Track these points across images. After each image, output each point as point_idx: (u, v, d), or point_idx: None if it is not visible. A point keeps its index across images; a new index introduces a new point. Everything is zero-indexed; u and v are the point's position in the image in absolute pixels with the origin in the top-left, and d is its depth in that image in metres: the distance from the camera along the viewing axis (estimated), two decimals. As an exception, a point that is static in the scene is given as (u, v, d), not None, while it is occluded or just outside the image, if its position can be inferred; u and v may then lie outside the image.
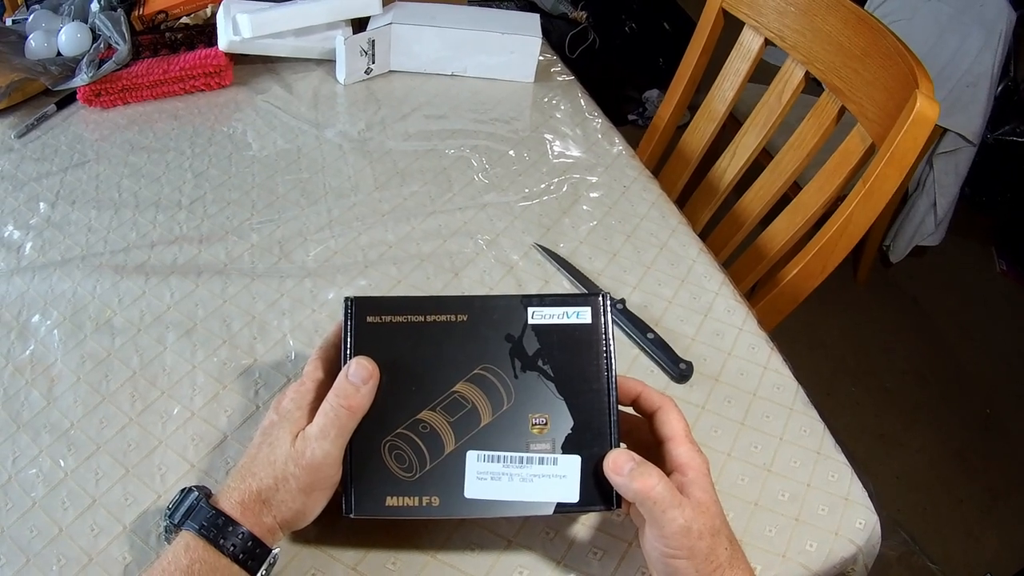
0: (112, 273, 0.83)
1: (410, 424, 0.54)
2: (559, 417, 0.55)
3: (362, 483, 0.53)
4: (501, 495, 0.53)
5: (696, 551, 0.49)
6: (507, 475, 0.53)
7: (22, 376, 0.72)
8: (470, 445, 0.54)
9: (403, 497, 0.53)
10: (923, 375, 2.11)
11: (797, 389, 0.75)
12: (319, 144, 1.06)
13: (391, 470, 0.54)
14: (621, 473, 0.51)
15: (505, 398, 0.55)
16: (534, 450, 0.54)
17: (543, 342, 0.56)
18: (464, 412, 0.55)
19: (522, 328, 0.56)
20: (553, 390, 0.55)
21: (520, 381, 0.55)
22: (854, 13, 0.98)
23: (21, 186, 0.96)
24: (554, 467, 0.54)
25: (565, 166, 1.05)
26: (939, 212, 2.17)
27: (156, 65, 1.13)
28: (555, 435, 0.55)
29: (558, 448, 0.54)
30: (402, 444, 0.54)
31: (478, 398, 0.55)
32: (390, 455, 0.54)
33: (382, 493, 0.53)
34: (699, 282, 0.86)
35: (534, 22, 1.23)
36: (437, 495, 0.53)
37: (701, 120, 1.26)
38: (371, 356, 0.54)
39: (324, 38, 1.21)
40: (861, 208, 0.91)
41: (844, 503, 0.65)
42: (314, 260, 0.87)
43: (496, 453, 0.54)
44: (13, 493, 0.62)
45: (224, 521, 0.50)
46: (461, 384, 0.55)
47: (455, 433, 0.54)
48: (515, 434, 0.54)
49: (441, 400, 0.55)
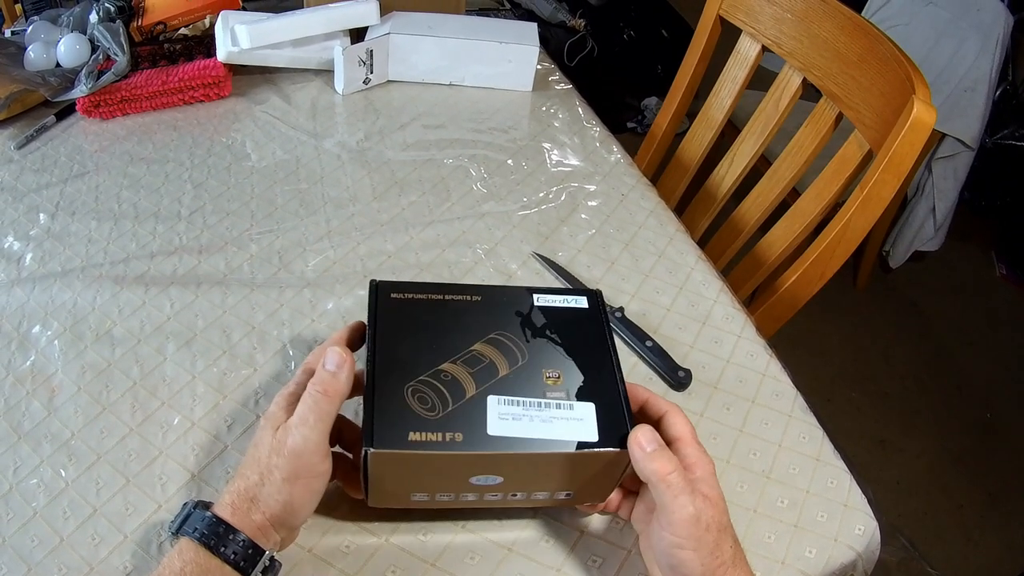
0: (112, 284, 0.83)
1: (431, 373, 0.56)
2: (570, 373, 0.58)
3: (384, 420, 0.53)
4: (523, 433, 0.54)
5: (703, 543, 0.50)
6: (527, 416, 0.54)
7: (23, 387, 0.72)
8: (490, 391, 0.55)
9: (426, 433, 0.53)
10: (923, 380, 2.11)
11: (796, 396, 0.75)
12: (318, 154, 1.06)
13: (414, 410, 0.54)
14: (644, 449, 0.52)
15: (519, 356, 0.58)
16: (551, 397, 0.56)
17: (549, 318, 0.61)
18: (483, 366, 0.57)
19: (529, 307, 0.62)
20: (563, 352, 0.59)
21: (531, 344, 0.59)
22: (850, 19, 0.98)
23: (21, 197, 0.96)
24: (571, 411, 0.55)
25: (563, 175, 1.05)
26: (938, 217, 2.17)
27: (155, 76, 1.13)
28: (569, 386, 0.57)
29: (572, 396, 0.56)
30: (424, 388, 0.55)
31: (495, 355, 0.58)
32: (412, 397, 0.54)
33: (405, 429, 0.53)
34: (697, 289, 0.87)
35: (532, 31, 1.24)
36: (460, 431, 0.53)
37: (699, 127, 1.26)
38: (394, 325, 0.58)
39: (322, 48, 1.21)
40: (859, 214, 0.91)
41: (843, 509, 0.65)
42: (313, 270, 0.87)
43: (515, 398, 0.55)
44: (14, 503, 0.62)
45: (219, 524, 0.50)
46: (478, 344, 0.58)
47: (475, 381, 0.56)
48: (531, 384, 0.56)
49: (460, 356, 0.57)
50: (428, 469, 0.54)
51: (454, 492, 0.57)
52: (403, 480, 0.55)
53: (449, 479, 0.56)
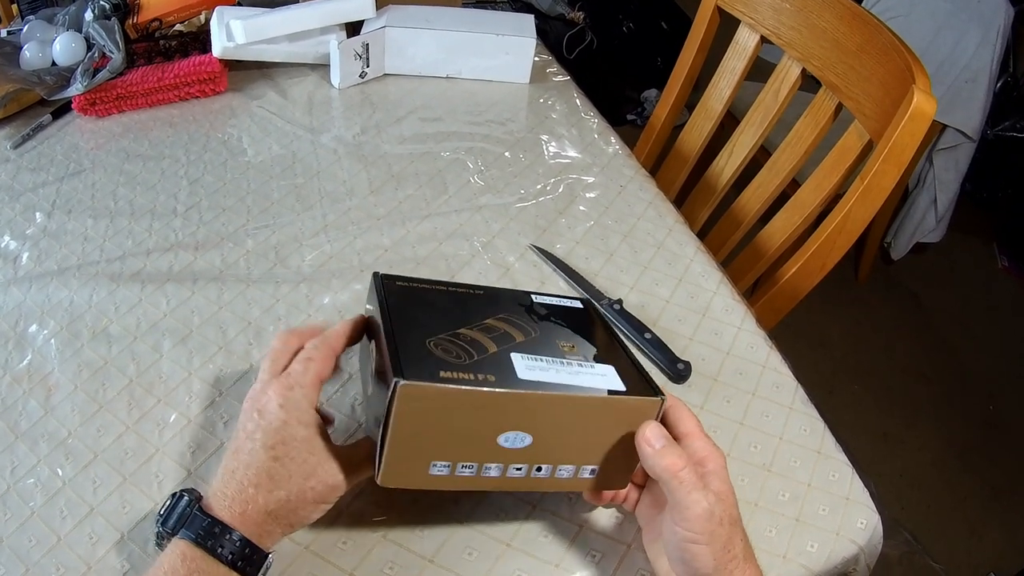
0: (108, 281, 0.83)
1: (450, 334, 0.55)
2: (582, 345, 0.59)
3: (414, 361, 0.49)
4: (553, 379, 0.53)
5: (716, 537, 0.49)
6: (553, 368, 0.54)
7: (20, 386, 0.72)
8: (512, 351, 0.55)
9: (458, 372, 0.50)
10: (925, 372, 2.11)
11: (796, 388, 0.75)
12: (314, 149, 1.06)
13: (440, 356, 0.51)
14: (653, 446, 0.52)
15: (531, 330, 0.59)
16: (570, 359, 0.56)
17: (550, 310, 0.64)
18: (498, 333, 0.57)
19: (530, 302, 0.64)
20: (570, 331, 0.61)
21: (540, 325, 0.60)
22: (850, 9, 0.98)
23: (17, 196, 0.96)
24: (592, 370, 0.55)
25: (561, 167, 1.04)
26: (940, 209, 2.16)
27: (151, 73, 1.13)
28: (584, 354, 0.57)
29: (591, 360, 0.57)
30: (447, 342, 0.53)
31: (508, 327, 0.58)
32: (437, 349, 0.52)
33: (435, 368, 0.50)
34: (697, 281, 0.86)
35: (529, 23, 1.23)
36: (492, 375, 0.51)
37: (698, 119, 1.26)
38: (404, 299, 0.58)
39: (318, 43, 1.21)
40: (859, 205, 0.91)
41: (845, 503, 0.65)
42: (310, 265, 0.86)
43: (538, 355, 0.55)
44: (11, 503, 0.62)
45: (219, 528, 0.49)
46: (490, 319, 0.58)
47: (495, 343, 0.55)
48: (549, 349, 0.57)
49: (476, 325, 0.57)
50: (458, 416, 0.50)
51: (478, 459, 0.52)
52: (426, 437, 0.50)
53: (477, 437, 0.51)
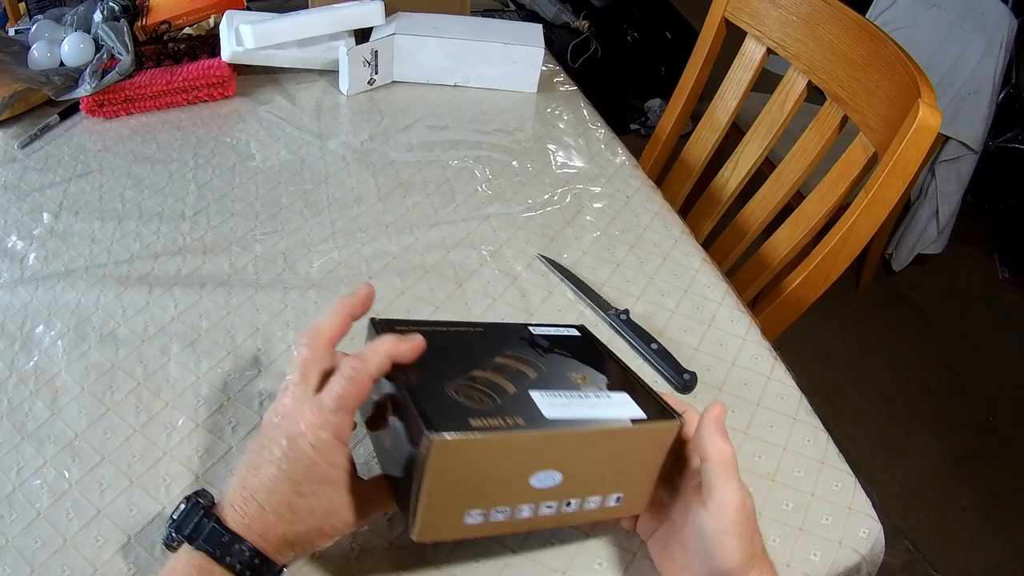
0: (116, 284, 0.83)
1: (466, 378, 0.53)
2: (593, 376, 0.59)
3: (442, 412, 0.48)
4: (578, 415, 0.53)
5: (744, 530, 0.50)
6: (574, 403, 0.54)
7: (26, 387, 0.72)
8: (530, 388, 0.54)
9: (488, 419, 0.49)
10: (926, 383, 2.11)
11: (800, 399, 0.75)
12: (322, 155, 1.06)
13: (464, 403, 0.50)
14: (720, 425, 0.52)
15: (541, 365, 0.58)
16: (586, 391, 0.56)
17: (551, 341, 0.63)
18: (511, 372, 0.56)
19: (530, 335, 0.64)
20: (578, 362, 0.60)
21: (547, 358, 0.60)
22: (855, 22, 0.98)
23: (24, 196, 0.96)
24: (609, 400, 0.55)
25: (568, 176, 1.05)
26: (941, 220, 2.17)
27: (159, 76, 1.13)
28: (597, 384, 0.57)
29: (605, 390, 0.57)
30: (466, 387, 0.52)
31: (518, 364, 0.57)
32: (458, 395, 0.51)
33: (465, 416, 0.49)
34: (702, 292, 0.87)
35: (537, 33, 1.24)
36: (520, 416, 0.50)
37: (703, 130, 1.26)
38: None
39: (327, 49, 1.21)
40: (864, 217, 0.91)
41: (848, 512, 0.65)
42: (318, 271, 0.87)
43: (556, 391, 0.55)
44: (18, 504, 0.62)
45: (238, 545, 0.49)
46: (499, 358, 0.58)
47: (512, 383, 0.55)
48: (563, 383, 0.56)
49: (487, 366, 0.56)
50: (491, 462, 0.49)
51: (512, 502, 0.52)
52: (460, 488, 0.49)
53: (509, 481, 0.51)
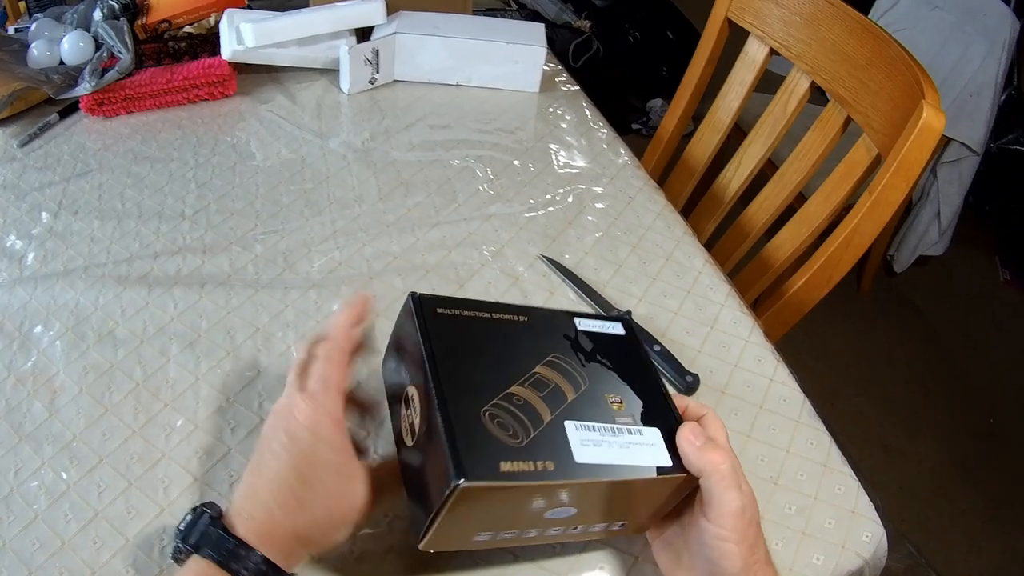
0: (115, 284, 0.83)
1: (504, 396, 0.53)
2: (629, 398, 0.57)
3: (472, 449, 0.48)
4: (608, 460, 0.52)
5: (746, 536, 0.50)
6: (606, 442, 0.53)
7: (24, 387, 0.71)
8: (564, 416, 0.54)
9: (517, 462, 0.49)
10: (926, 385, 2.11)
11: (804, 401, 0.75)
12: (323, 154, 1.06)
13: (498, 437, 0.50)
14: (694, 444, 0.52)
15: (581, 380, 0.57)
16: (620, 423, 0.55)
17: (595, 343, 0.61)
18: (550, 390, 0.55)
19: (575, 332, 0.61)
20: (617, 377, 0.59)
21: (588, 369, 0.58)
22: (859, 22, 0.98)
23: (23, 196, 0.96)
24: (641, 437, 0.55)
25: (570, 176, 1.04)
26: (943, 222, 2.16)
27: (159, 74, 1.13)
28: (632, 412, 0.56)
29: (639, 422, 0.56)
30: (501, 413, 0.52)
31: (559, 379, 0.56)
32: (492, 423, 0.51)
33: (496, 458, 0.49)
34: (705, 293, 0.86)
35: (539, 32, 1.23)
36: (550, 460, 0.50)
37: (706, 130, 1.26)
38: (449, 345, 0.55)
39: (328, 48, 1.21)
40: (867, 219, 0.91)
41: (851, 516, 0.65)
42: (318, 271, 0.86)
43: (591, 423, 0.54)
44: (15, 505, 0.62)
45: (244, 551, 0.48)
46: (540, 367, 0.56)
47: (548, 407, 0.54)
48: (599, 410, 0.55)
49: (526, 379, 0.55)
50: (514, 502, 0.50)
51: (523, 528, 0.53)
52: (476, 518, 0.51)
53: (526, 514, 0.52)
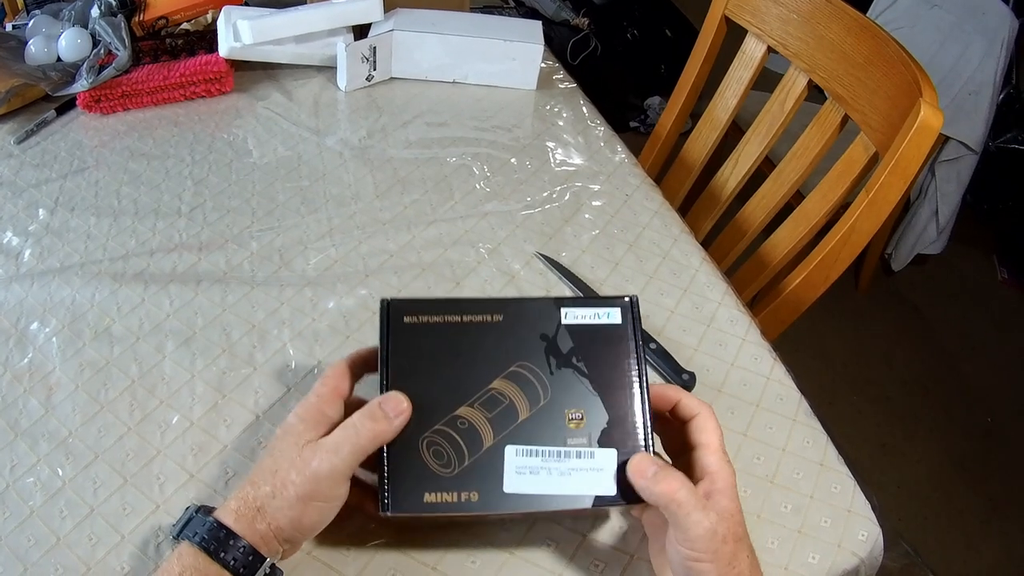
0: (111, 281, 0.83)
1: (448, 420, 0.54)
2: (594, 412, 0.55)
3: (399, 480, 0.52)
4: (540, 489, 0.53)
5: (720, 555, 0.49)
6: (545, 469, 0.53)
7: (20, 384, 0.71)
8: (508, 440, 0.54)
9: (441, 493, 0.52)
10: (924, 384, 2.11)
11: (800, 400, 0.75)
12: (320, 151, 1.06)
13: (429, 466, 0.53)
14: (645, 476, 0.51)
15: (542, 394, 0.55)
16: (571, 444, 0.54)
17: (576, 341, 0.57)
18: (502, 408, 0.55)
19: (556, 328, 0.57)
20: (588, 386, 0.56)
21: (555, 377, 0.56)
22: (857, 21, 0.98)
23: (20, 192, 0.96)
24: (591, 460, 0.54)
25: (567, 174, 1.04)
26: (941, 220, 2.16)
27: (156, 71, 1.13)
28: (591, 430, 0.55)
29: (594, 442, 0.54)
30: (440, 440, 0.53)
31: (515, 394, 0.55)
32: (428, 451, 0.53)
33: (420, 490, 0.52)
34: (701, 292, 0.86)
35: (536, 29, 1.23)
36: (476, 490, 0.52)
37: (703, 128, 1.26)
38: (407, 355, 0.55)
39: (325, 45, 1.21)
40: (864, 217, 0.91)
41: (847, 515, 0.65)
42: (314, 269, 0.86)
43: (534, 447, 0.54)
44: (11, 502, 0.62)
45: (219, 529, 0.49)
46: (498, 381, 0.55)
47: (493, 429, 0.54)
48: (552, 429, 0.55)
49: (479, 396, 0.55)
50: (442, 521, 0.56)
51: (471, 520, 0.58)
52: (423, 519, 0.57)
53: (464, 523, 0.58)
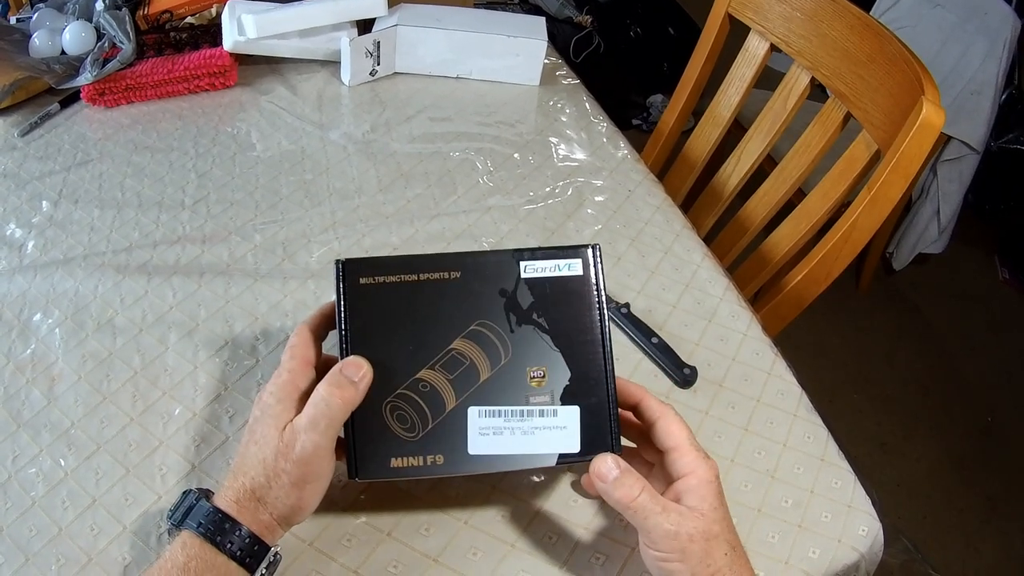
0: (114, 272, 0.83)
1: (410, 384, 0.54)
2: (556, 369, 0.55)
3: (366, 447, 0.53)
4: (504, 449, 0.53)
5: (689, 554, 0.49)
6: (509, 429, 0.54)
7: (23, 375, 0.71)
8: (471, 402, 0.54)
9: (407, 457, 0.53)
10: (924, 383, 2.11)
11: (801, 395, 0.75)
12: (323, 145, 1.06)
13: (394, 431, 0.53)
14: (606, 480, 0.52)
15: (502, 353, 0.55)
16: (534, 403, 0.55)
17: (536, 295, 0.56)
18: (463, 369, 0.55)
19: (515, 282, 0.56)
20: (549, 343, 0.56)
21: (516, 335, 0.56)
22: (860, 19, 0.98)
23: (24, 184, 0.96)
24: (554, 419, 0.54)
25: (570, 170, 1.04)
26: (942, 220, 2.16)
27: (160, 65, 1.13)
28: (553, 387, 0.55)
29: (557, 400, 0.55)
30: (403, 404, 0.54)
31: (476, 354, 0.55)
32: (392, 416, 0.54)
33: (386, 455, 0.53)
34: (703, 287, 0.86)
35: (540, 25, 1.23)
36: (441, 453, 0.53)
37: (706, 125, 1.26)
38: (365, 317, 0.55)
39: (329, 39, 1.21)
40: (866, 215, 0.91)
41: (847, 510, 0.65)
42: (317, 262, 0.86)
43: (497, 408, 0.54)
44: (13, 492, 0.62)
45: (224, 519, 0.50)
46: (458, 341, 0.55)
47: (455, 390, 0.54)
48: (514, 388, 0.55)
49: (439, 358, 0.55)
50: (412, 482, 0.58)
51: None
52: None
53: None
